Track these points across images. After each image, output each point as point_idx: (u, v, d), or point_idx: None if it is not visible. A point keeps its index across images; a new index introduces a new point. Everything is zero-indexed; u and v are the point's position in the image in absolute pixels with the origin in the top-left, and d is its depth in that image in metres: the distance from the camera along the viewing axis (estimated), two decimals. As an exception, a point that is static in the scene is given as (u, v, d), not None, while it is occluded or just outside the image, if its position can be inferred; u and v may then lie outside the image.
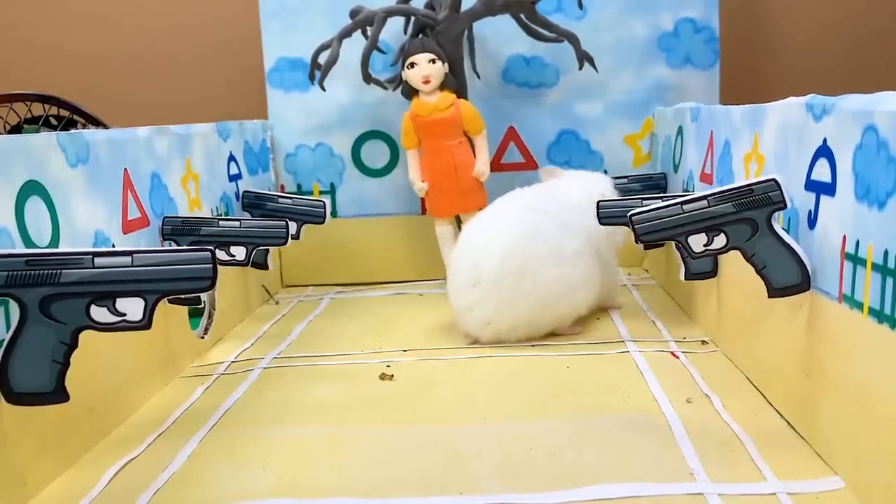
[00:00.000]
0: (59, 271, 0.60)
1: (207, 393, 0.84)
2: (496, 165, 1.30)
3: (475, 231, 0.97)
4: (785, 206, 0.67)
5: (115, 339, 0.71)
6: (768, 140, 0.74)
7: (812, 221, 0.64)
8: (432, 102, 1.14)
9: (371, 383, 0.84)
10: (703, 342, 0.92)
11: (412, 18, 1.19)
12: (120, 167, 0.81)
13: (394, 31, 1.24)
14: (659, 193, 1.10)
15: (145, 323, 0.62)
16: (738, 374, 0.81)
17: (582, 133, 1.32)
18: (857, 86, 0.68)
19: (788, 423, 0.68)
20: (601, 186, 1.09)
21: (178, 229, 0.90)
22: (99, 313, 0.61)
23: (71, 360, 0.61)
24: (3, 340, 0.60)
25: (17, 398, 0.59)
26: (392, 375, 0.85)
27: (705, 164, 0.96)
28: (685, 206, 0.70)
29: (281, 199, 1.12)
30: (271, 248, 1.05)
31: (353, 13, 1.16)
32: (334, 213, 1.33)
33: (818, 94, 0.65)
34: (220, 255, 0.95)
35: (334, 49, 1.14)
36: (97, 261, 0.61)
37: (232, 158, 1.15)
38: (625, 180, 1.16)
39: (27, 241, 0.63)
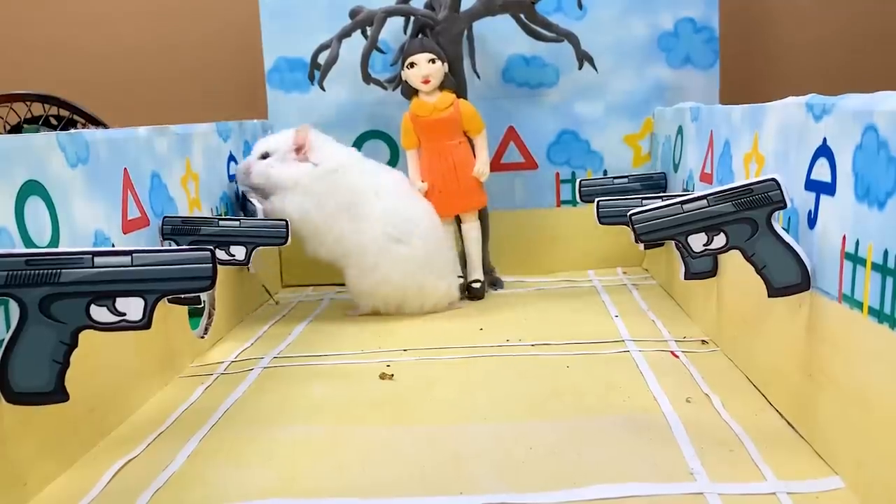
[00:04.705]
0: (59, 271, 0.60)
1: (207, 393, 0.84)
2: (496, 165, 1.30)
3: None
4: (785, 206, 0.67)
5: (115, 339, 0.71)
6: (768, 140, 0.74)
7: (812, 221, 0.64)
8: (432, 102, 1.14)
9: (371, 383, 0.84)
10: (703, 342, 0.92)
11: (412, 18, 1.19)
12: (120, 167, 0.81)
13: (393, 31, 1.24)
14: (659, 193, 1.10)
15: (145, 323, 0.62)
16: (738, 373, 0.81)
17: (582, 133, 1.32)
18: (857, 86, 0.68)
19: (788, 422, 0.68)
20: None
21: (177, 229, 0.90)
22: (99, 313, 0.61)
23: (71, 359, 0.61)
24: (3, 340, 0.60)
25: (17, 398, 0.59)
26: (392, 375, 0.85)
27: (705, 163, 0.96)
28: (685, 206, 0.70)
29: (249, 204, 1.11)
30: (270, 248, 1.05)
31: (353, 13, 1.16)
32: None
33: (818, 94, 0.65)
34: (220, 254, 0.95)
35: (334, 49, 1.14)
36: (97, 260, 0.61)
37: (232, 158, 1.15)
38: (625, 180, 1.16)
39: (27, 241, 0.63)
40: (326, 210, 1.07)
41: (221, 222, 0.95)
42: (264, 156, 1.09)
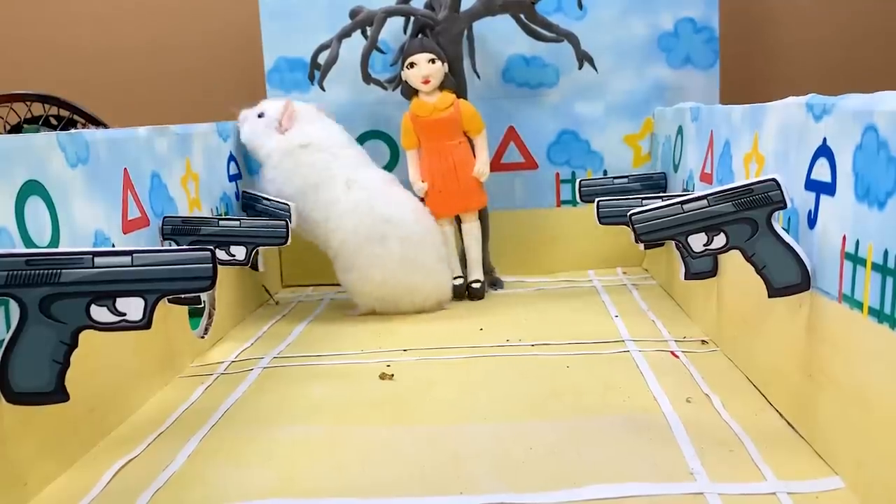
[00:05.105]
0: (59, 271, 0.60)
1: (207, 393, 0.84)
2: (496, 165, 1.30)
3: None
4: (785, 206, 0.67)
5: (115, 339, 0.71)
6: (768, 140, 0.74)
7: (812, 221, 0.64)
8: (432, 102, 1.14)
9: (371, 383, 0.84)
10: (703, 342, 0.92)
11: (412, 18, 1.19)
12: (120, 167, 0.81)
13: (393, 31, 1.24)
14: (659, 193, 1.10)
15: (145, 323, 0.62)
16: (738, 373, 0.81)
17: (582, 133, 1.32)
18: (857, 86, 0.68)
19: (788, 422, 0.68)
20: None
21: (178, 229, 0.90)
22: (99, 313, 0.61)
23: (71, 359, 0.61)
24: (4, 340, 0.60)
25: (17, 398, 0.59)
26: (392, 375, 0.85)
27: (705, 163, 0.96)
28: (685, 206, 0.70)
29: (265, 201, 1.11)
30: (270, 248, 1.05)
31: (353, 13, 1.16)
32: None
33: (818, 94, 0.65)
34: (220, 254, 0.95)
35: (334, 49, 1.14)
36: (97, 260, 0.61)
37: (232, 158, 1.15)
38: (625, 180, 1.16)
39: (27, 241, 0.63)
40: (294, 186, 1.09)
41: (221, 222, 0.95)
42: (261, 115, 1.13)
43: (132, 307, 0.62)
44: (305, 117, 1.13)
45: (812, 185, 0.64)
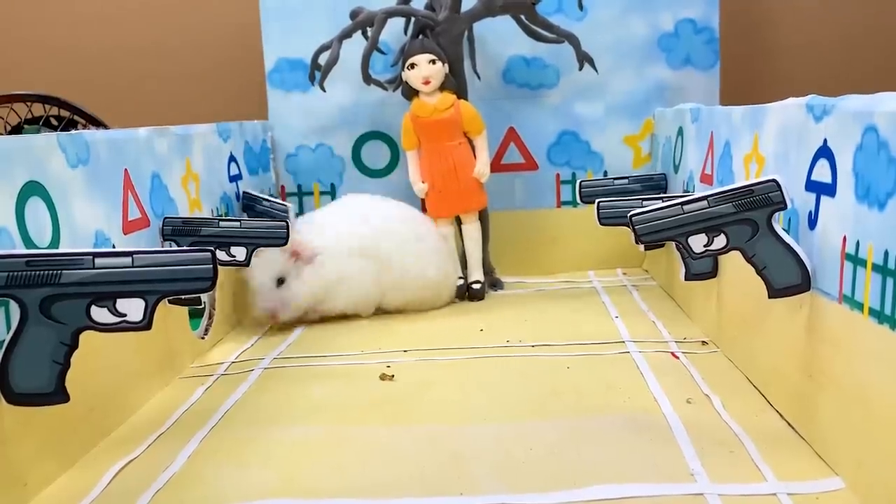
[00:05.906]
0: (59, 272, 0.60)
1: (207, 393, 0.84)
2: (496, 166, 1.30)
3: None
4: (785, 207, 0.67)
5: (115, 339, 0.71)
6: (768, 141, 0.74)
7: (812, 222, 0.64)
8: (432, 103, 1.14)
9: (371, 383, 0.84)
10: (703, 342, 0.92)
11: (412, 19, 1.19)
12: (120, 167, 0.81)
13: (394, 32, 1.24)
14: (659, 194, 1.10)
15: (145, 323, 0.62)
16: (738, 374, 0.81)
17: (582, 134, 1.32)
18: (857, 86, 0.68)
19: (788, 423, 0.68)
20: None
21: (178, 230, 0.90)
22: (99, 314, 0.61)
23: (71, 360, 0.61)
24: (4, 341, 0.60)
25: (17, 398, 0.59)
26: (392, 375, 0.85)
27: (705, 164, 0.96)
28: (685, 207, 0.70)
29: (265, 202, 1.12)
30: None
31: (354, 14, 1.16)
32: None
33: (818, 94, 0.65)
34: (221, 255, 0.95)
35: (334, 50, 1.14)
36: (97, 261, 0.61)
37: (232, 159, 1.15)
38: (625, 181, 1.16)
39: (27, 242, 0.63)
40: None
41: (222, 223, 0.95)
42: (280, 280, 1.04)
43: (132, 308, 0.62)
44: (304, 233, 1.07)
45: (812, 185, 0.64)
